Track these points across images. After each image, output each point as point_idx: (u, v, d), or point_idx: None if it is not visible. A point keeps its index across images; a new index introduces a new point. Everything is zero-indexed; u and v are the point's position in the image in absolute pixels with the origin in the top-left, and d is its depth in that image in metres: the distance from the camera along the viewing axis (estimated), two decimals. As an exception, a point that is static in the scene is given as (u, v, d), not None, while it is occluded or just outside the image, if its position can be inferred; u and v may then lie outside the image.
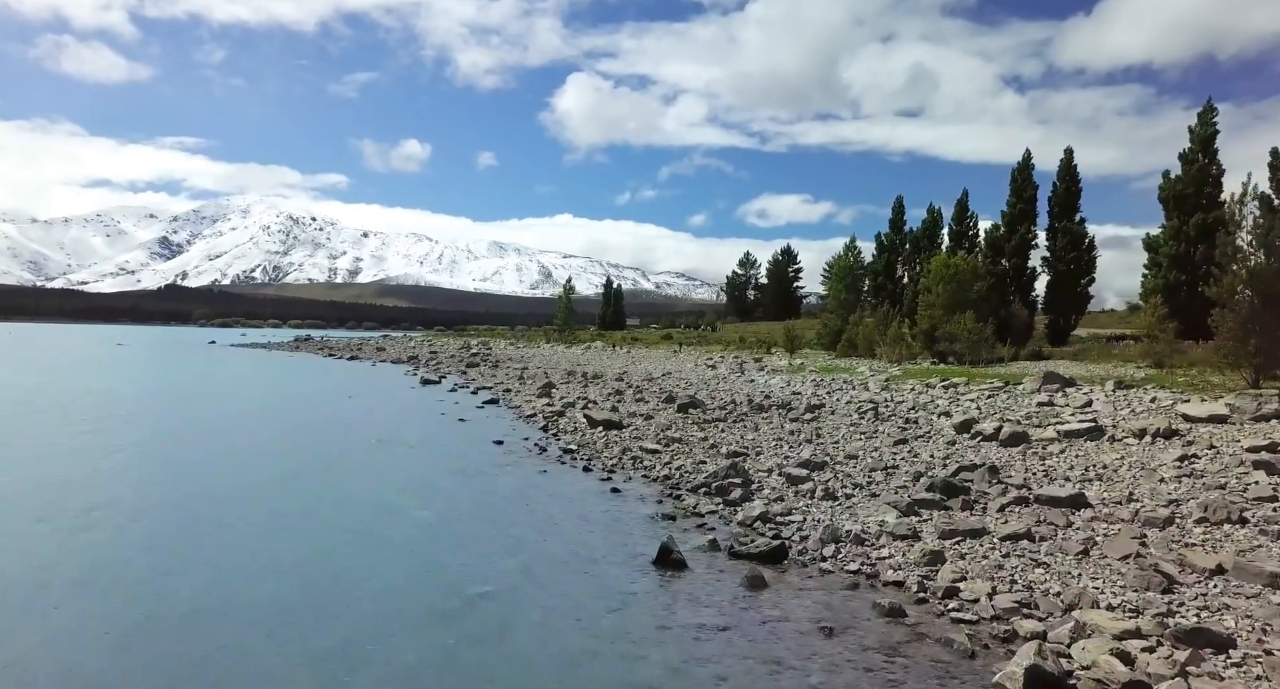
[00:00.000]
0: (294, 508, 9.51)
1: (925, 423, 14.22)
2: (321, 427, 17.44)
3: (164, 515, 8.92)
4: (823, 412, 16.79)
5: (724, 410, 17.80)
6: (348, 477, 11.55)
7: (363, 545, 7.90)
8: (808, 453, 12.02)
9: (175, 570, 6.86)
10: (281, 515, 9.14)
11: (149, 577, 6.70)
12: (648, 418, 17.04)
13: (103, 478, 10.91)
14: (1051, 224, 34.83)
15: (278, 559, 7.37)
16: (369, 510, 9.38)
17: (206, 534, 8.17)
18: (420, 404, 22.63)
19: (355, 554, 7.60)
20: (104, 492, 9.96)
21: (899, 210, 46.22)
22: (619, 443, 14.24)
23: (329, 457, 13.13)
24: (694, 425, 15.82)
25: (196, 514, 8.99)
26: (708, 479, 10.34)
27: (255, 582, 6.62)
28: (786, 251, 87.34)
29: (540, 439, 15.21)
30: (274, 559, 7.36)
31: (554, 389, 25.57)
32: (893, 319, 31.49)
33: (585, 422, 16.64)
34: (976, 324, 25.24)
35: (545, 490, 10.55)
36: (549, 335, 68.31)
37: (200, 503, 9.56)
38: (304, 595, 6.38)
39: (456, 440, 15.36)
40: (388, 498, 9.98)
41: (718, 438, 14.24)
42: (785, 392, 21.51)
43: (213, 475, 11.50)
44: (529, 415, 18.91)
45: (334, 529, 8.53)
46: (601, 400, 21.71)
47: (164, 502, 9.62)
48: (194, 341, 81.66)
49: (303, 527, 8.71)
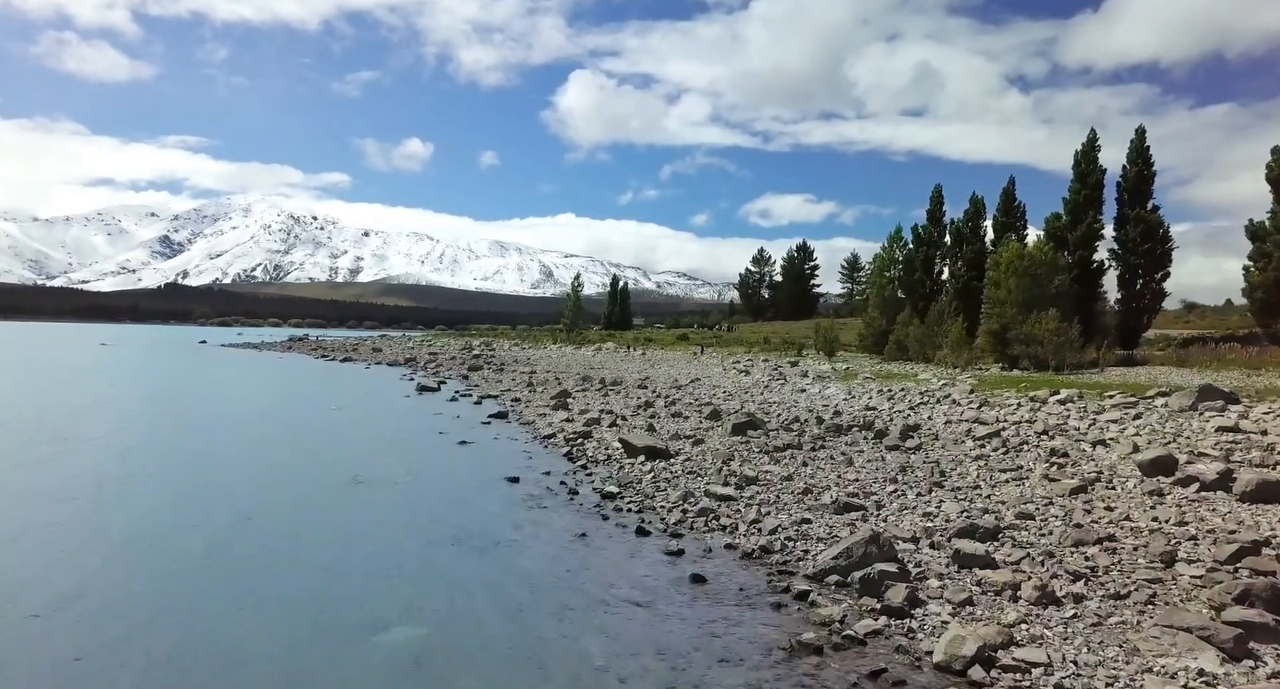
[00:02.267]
0: (194, 629, 6.01)
1: (1082, 457, 10.72)
2: (288, 454, 13.94)
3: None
4: (921, 435, 13.28)
5: (792, 432, 14.30)
6: (298, 549, 8.05)
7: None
8: (952, 507, 8.53)
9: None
10: (171, 643, 5.65)
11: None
12: (697, 442, 13.55)
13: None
14: (1121, 212, 31.31)
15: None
16: (314, 631, 5.88)
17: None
18: (415, 418, 19.15)
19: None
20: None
21: (937, 201, 42.51)
22: (671, 480, 10.76)
23: (282, 509, 9.61)
24: (762, 454, 12.33)
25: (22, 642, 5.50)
26: (838, 561, 6.82)
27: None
28: (802, 248, 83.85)
29: (566, 473, 11.72)
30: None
31: (570, 399, 22.14)
32: (949, 317, 27.96)
33: (620, 447, 13.15)
34: (1061, 324, 21.71)
35: (592, 576, 7.05)
36: (555, 336, 64.76)
37: (42, 621, 6.07)
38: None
39: (457, 475, 11.87)
40: (349, 600, 6.45)
41: (803, 475, 10.75)
42: (854, 406, 18.00)
43: (92, 556, 8.00)
44: (546, 435, 15.43)
45: (255, 673, 5.05)
46: (630, 414, 18.25)
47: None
48: (184, 341, 78.24)
49: (204, 665, 5.22)
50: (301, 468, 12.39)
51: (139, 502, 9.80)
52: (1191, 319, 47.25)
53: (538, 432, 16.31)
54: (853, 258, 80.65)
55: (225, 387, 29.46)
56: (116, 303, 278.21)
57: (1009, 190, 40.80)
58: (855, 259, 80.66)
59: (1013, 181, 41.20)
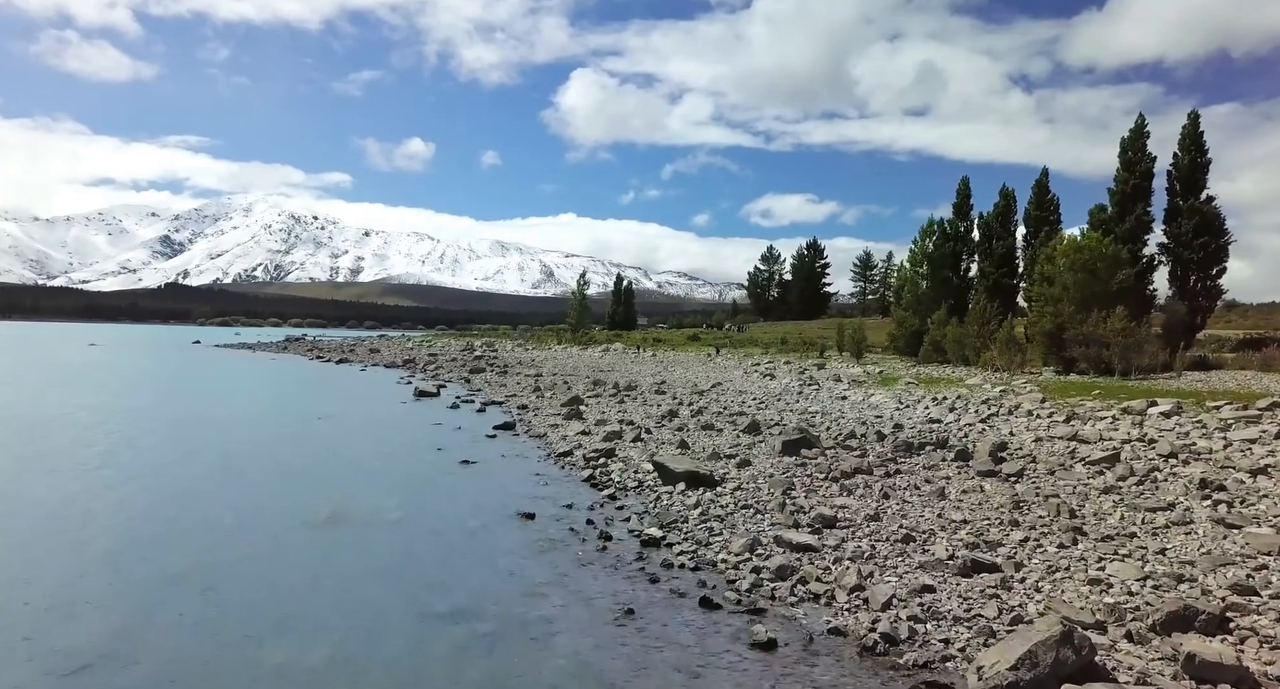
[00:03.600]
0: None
1: (1246, 491, 8.53)
2: (254, 479, 11.76)
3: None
4: (1016, 457, 11.09)
5: (853, 452, 12.11)
6: (228, 640, 5.87)
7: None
8: (1125, 569, 6.35)
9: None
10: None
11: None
12: (742, 464, 11.36)
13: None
14: (1173, 203, 29.06)
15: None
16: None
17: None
18: (411, 429, 17.00)
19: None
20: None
21: (964, 194, 40.20)
22: (724, 517, 8.60)
23: (221, 568, 7.38)
24: (828, 481, 10.15)
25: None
26: (1019, 673, 4.62)
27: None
28: (813, 246, 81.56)
29: (593, 506, 9.55)
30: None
31: (583, 407, 20.00)
32: (992, 316, 25.75)
33: (653, 471, 10.96)
34: (1129, 323, 19.52)
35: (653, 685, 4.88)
36: (561, 336, 62.53)
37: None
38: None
39: (459, 510, 9.68)
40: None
41: (891, 512, 8.58)
42: (911, 417, 15.82)
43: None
44: (562, 453, 13.25)
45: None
46: (653, 425, 16.09)
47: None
48: (178, 342, 76.05)
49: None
50: (266, 500, 10.19)
51: (33, 569, 7.62)
52: (1233, 318, 45.03)
53: (551, 447, 14.14)
54: (865, 256, 78.51)
55: (205, 392, 27.30)
56: (116, 302, 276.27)
57: (1042, 182, 38.55)
58: (868, 257, 78.53)
59: (1045, 173, 39.04)
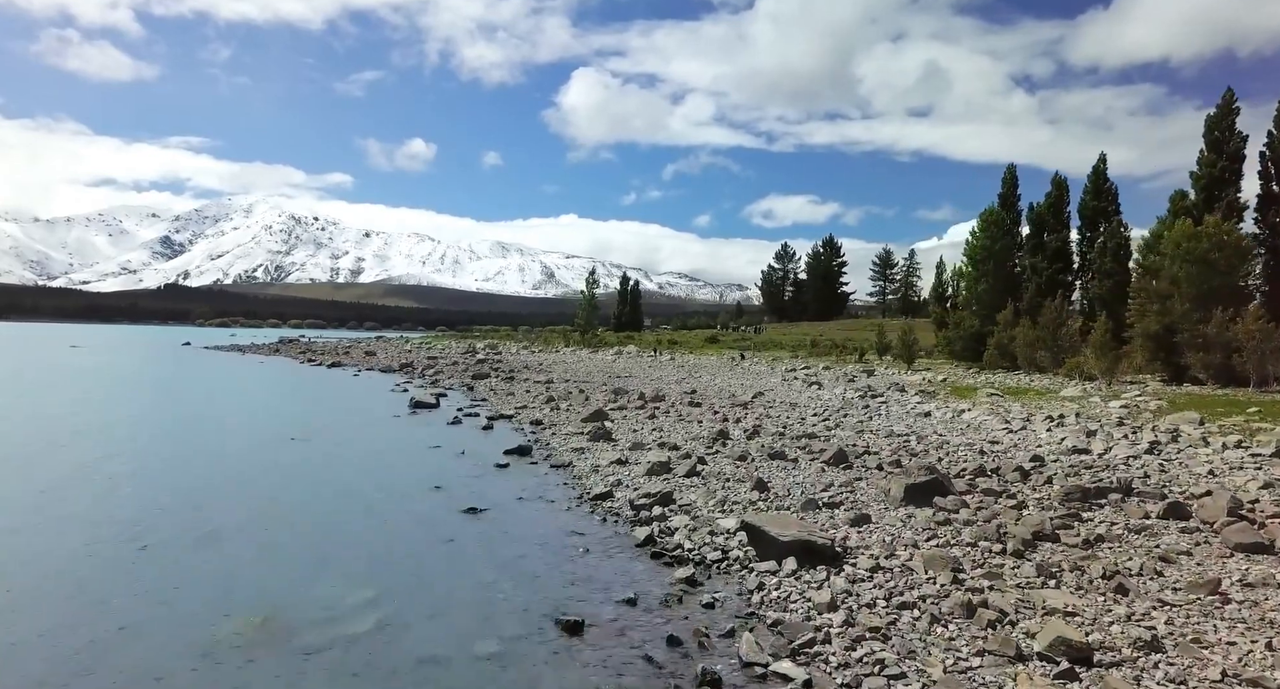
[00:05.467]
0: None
1: None
2: (181, 545, 8.51)
3: None
4: (1260, 513, 7.85)
5: (998, 497, 8.88)
6: None
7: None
8: None
9: None
10: None
11: None
12: (858, 520, 8.12)
13: None
14: (1266, 189, 25.88)
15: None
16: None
17: None
18: (402, 456, 13.76)
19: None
20: None
21: (1010, 183, 36.93)
22: (882, 631, 5.39)
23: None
24: (1007, 555, 6.91)
25: None
26: None
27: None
28: (829, 243, 78.28)
29: (666, 599, 6.33)
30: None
31: (609, 423, 16.82)
32: (1065, 315, 22.49)
33: (736, 530, 7.72)
34: (1266, 324, 16.29)
35: None
36: (568, 338, 59.25)
37: None
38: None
39: (468, 611, 6.42)
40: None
41: (1160, 631, 5.35)
42: (1043, 444, 12.56)
43: None
44: (599, 495, 10.02)
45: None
46: (703, 449, 12.90)
47: None
48: (168, 343, 72.84)
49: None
50: (185, 583, 6.94)
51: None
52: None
53: (582, 483, 10.93)
54: (885, 254, 75.21)
55: (167, 403, 24.06)
56: (115, 303, 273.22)
57: (1099, 169, 35.36)
58: (888, 255, 75.23)
59: (1103, 159, 35.85)
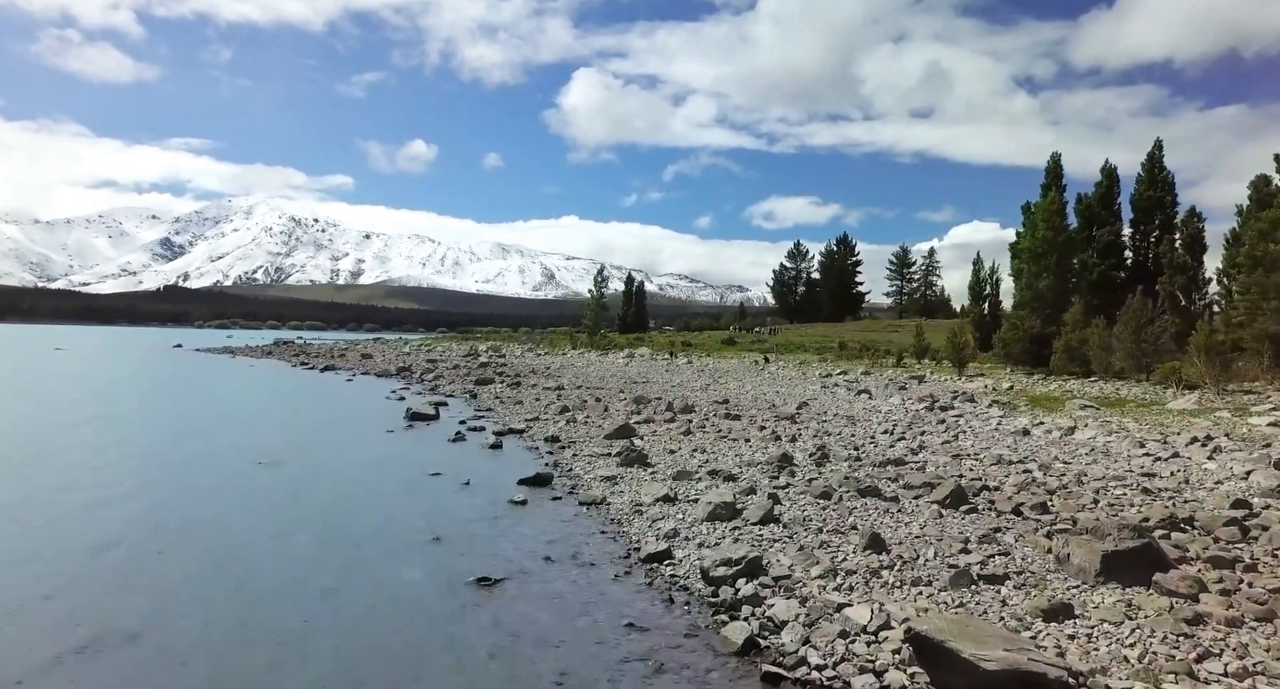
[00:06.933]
0: None
1: None
2: (44, 649, 5.82)
3: None
4: None
5: (1230, 565, 6.17)
6: None
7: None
8: None
9: None
10: None
11: None
12: (1051, 614, 5.42)
13: None
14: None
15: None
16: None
17: None
18: (394, 491, 11.03)
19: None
20: None
21: (1054, 173, 34.18)
22: None
23: None
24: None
25: None
26: None
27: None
28: (843, 241, 75.59)
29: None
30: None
31: (638, 441, 14.24)
32: (1154, 313, 19.77)
33: (884, 632, 5.03)
34: None
35: None
36: (576, 340, 56.51)
37: None
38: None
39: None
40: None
41: None
42: (1193, 475, 9.83)
43: None
44: (652, 556, 7.34)
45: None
46: (766, 481, 10.21)
47: None
48: (158, 345, 70.13)
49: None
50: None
51: None
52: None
53: (625, 533, 8.26)
54: (901, 252, 72.50)
55: (122, 416, 21.38)
56: (114, 305, 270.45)
57: (1155, 156, 32.69)
58: (905, 254, 72.52)
59: (1159, 145, 33.17)
